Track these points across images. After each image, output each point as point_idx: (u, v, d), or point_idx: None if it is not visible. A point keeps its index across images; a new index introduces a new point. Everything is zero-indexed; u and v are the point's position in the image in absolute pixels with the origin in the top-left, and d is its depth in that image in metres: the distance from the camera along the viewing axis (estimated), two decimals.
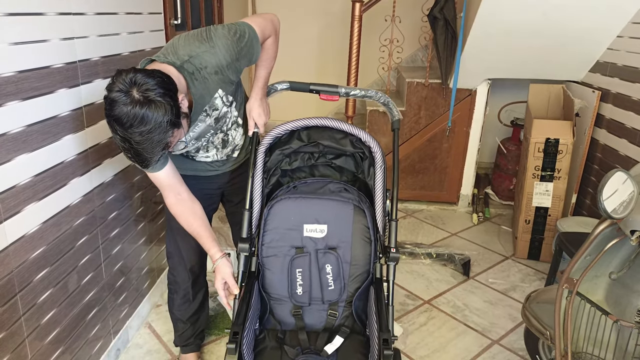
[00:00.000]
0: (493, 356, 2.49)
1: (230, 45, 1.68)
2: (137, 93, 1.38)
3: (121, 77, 1.39)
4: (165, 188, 1.77)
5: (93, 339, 2.16)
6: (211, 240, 1.83)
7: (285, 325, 1.95)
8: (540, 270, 3.29)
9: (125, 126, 1.38)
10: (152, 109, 1.39)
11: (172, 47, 1.65)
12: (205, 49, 1.65)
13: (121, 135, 1.41)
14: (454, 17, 3.55)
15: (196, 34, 1.68)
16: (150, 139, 1.41)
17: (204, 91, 1.71)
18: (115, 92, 1.38)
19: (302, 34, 4.86)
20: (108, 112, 1.40)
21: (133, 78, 1.39)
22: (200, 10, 3.48)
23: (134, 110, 1.37)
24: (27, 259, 1.68)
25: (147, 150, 1.44)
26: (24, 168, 1.63)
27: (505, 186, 4.30)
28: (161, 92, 1.41)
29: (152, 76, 1.42)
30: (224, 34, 1.68)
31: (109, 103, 1.39)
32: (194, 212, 1.82)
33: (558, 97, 3.55)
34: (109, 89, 1.40)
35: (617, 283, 1.74)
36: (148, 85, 1.39)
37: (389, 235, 1.83)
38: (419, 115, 4.00)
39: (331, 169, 2.03)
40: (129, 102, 1.37)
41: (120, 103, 1.37)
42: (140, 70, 1.43)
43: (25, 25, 1.58)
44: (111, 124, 1.41)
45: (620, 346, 1.72)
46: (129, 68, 1.43)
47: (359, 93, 2.00)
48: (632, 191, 1.49)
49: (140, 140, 1.41)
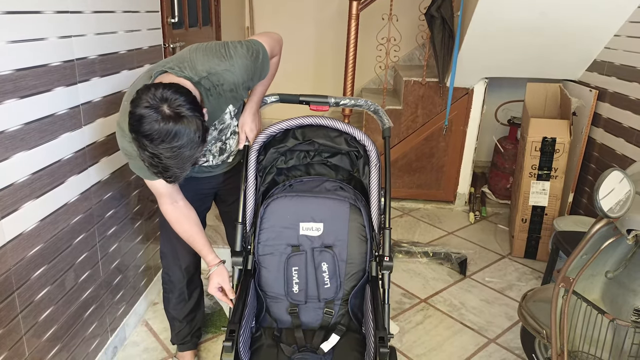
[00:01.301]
0: (489, 355, 2.50)
1: (247, 65, 1.70)
2: (168, 109, 1.37)
3: (150, 93, 1.38)
4: (163, 195, 1.77)
5: (90, 336, 2.16)
6: (208, 247, 1.85)
7: (282, 324, 1.96)
8: (537, 269, 3.30)
9: (156, 142, 1.37)
10: (184, 124, 1.38)
11: (190, 62, 1.63)
12: (225, 67, 1.65)
13: (150, 152, 1.40)
14: (451, 16, 3.56)
15: (214, 49, 1.67)
16: (181, 155, 1.41)
17: (216, 107, 1.72)
18: (144, 108, 1.36)
19: (299, 32, 4.86)
20: (136, 128, 1.38)
21: (163, 94, 1.38)
22: (197, 9, 3.48)
23: (166, 127, 1.36)
24: (25, 257, 1.67)
25: (178, 165, 1.43)
26: (22, 166, 1.63)
27: (502, 185, 4.31)
28: (192, 107, 1.41)
29: (181, 92, 1.41)
30: (243, 53, 1.69)
31: (137, 119, 1.37)
32: (190, 218, 1.83)
33: (555, 96, 3.55)
34: (136, 104, 1.38)
35: (614, 282, 1.75)
36: (179, 102, 1.39)
37: (382, 244, 1.84)
38: (416, 113, 4.00)
39: (327, 168, 2.04)
40: (161, 119, 1.36)
41: (150, 119, 1.36)
42: (168, 85, 1.42)
43: (22, 24, 1.57)
44: (139, 140, 1.39)
45: (617, 345, 1.73)
46: (155, 83, 1.43)
47: (349, 102, 2.01)
48: (629, 190, 1.50)
49: (171, 156, 1.40)
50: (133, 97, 1.41)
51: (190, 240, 1.85)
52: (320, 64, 4.96)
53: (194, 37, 3.35)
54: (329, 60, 4.90)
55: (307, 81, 4.98)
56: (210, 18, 3.82)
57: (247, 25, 4.90)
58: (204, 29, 3.64)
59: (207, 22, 3.73)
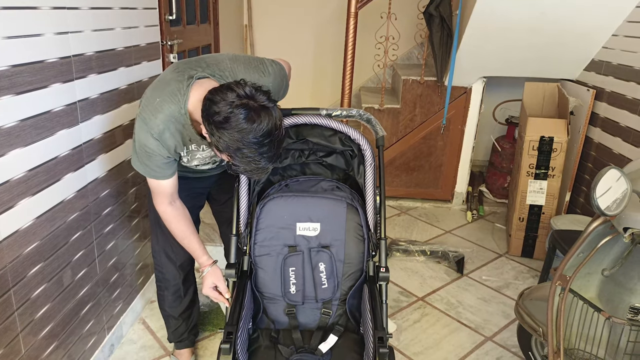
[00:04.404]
0: (486, 353, 2.50)
1: (279, 84, 1.78)
2: (255, 103, 1.42)
3: (236, 90, 1.42)
4: (163, 194, 1.77)
5: (87, 334, 2.16)
6: (202, 249, 1.87)
7: (279, 325, 1.95)
8: (534, 268, 3.30)
9: (250, 136, 1.40)
10: (271, 114, 1.43)
11: (231, 71, 1.68)
12: (263, 83, 1.67)
13: (246, 143, 1.42)
14: (449, 15, 3.55)
15: (253, 63, 1.73)
16: (274, 143, 1.46)
17: None
18: (233, 107, 1.40)
19: (297, 30, 4.86)
20: (226, 126, 1.41)
21: (249, 91, 1.43)
22: (195, 6, 3.47)
23: (258, 119, 1.40)
24: (21, 254, 1.67)
25: (272, 154, 1.47)
26: (18, 163, 1.62)
27: (499, 184, 4.31)
28: (270, 98, 1.47)
29: (256, 88, 1.46)
30: (277, 72, 1.77)
31: (226, 117, 1.40)
32: (186, 218, 1.84)
33: (553, 95, 3.56)
34: (220, 102, 1.41)
35: (610, 280, 1.75)
36: (260, 96, 1.44)
37: (379, 254, 1.84)
38: (414, 112, 4.00)
39: (322, 167, 2.03)
40: (254, 113, 1.40)
41: (242, 116, 1.39)
42: (251, 84, 1.47)
43: (19, 19, 1.57)
44: (232, 135, 1.41)
45: (613, 343, 1.73)
46: (236, 82, 1.47)
47: (342, 113, 2.00)
48: (626, 189, 1.50)
49: (266, 143, 1.44)
50: (209, 98, 1.44)
51: (185, 240, 1.86)
52: (319, 63, 4.96)
53: (191, 35, 3.35)
54: (328, 58, 4.90)
55: (306, 79, 4.97)
56: (208, 15, 3.82)
57: (245, 23, 4.90)
58: (202, 26, 3.63)
59: (205, 20, 3.72)
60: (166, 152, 1.66)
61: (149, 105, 1.63)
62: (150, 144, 1.64)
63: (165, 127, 1.62)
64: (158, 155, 1.65)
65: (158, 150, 1.64)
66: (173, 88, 1.61)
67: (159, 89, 1.64)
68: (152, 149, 1.64)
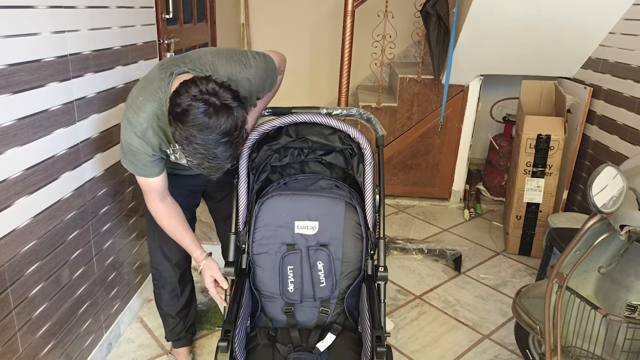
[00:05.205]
0: (484, 351, 2.51)
1: (263, 77, 1.75)
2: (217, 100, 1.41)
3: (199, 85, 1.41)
4: (154, 192, 1.78)
5: (84, 333, 2.15)
6: (195, 243, 1.86)
7: (277, 323, 1.95)
8: (531, 266, 3.31)
9: (205, 133, 1.40)
10: (232, 115, 1.42)
11: (212, 65, 1.66)
12: (245, 75, 1.68)
13: (199, 143, 1.42)
14: (446, 13, 3.55)
15: (235, 56, 1.70)
16: (230, 144, 1.45)
17: None
18: (194, 100, 1.40)
19: (294, 29, 4.85)
20: (184, 120, 1.40)
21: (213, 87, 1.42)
22: (192, 5, 3.47)
23: (216, 116, 1.39)
24: (18, 253, 1.67)
25: (225, 155, 1.46)
26: (15, 161, 1.62)
27: (496, 182, 4.32)
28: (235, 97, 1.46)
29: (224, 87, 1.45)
30: (260, 64, 1.74)
31: (185, 110, 1.40)
32: (177, 214, 1.84)
33: (550, 93, 3.56)
34: (181, 96, 1.41)
35: (607, 278, 1.75)
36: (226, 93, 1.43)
37: (377, 254, 1.84)
38: (411, 111, 4.00)
39: (321, 166, 2.03)
40: (212, 110, 1.39)
41: (199, 110, 1.39)
42: (213, 80, 1.46)
43: (15, 18, 1.56)
44: (187, 130, 1.41)
45: (610, 340, 1.74)
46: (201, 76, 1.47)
47: (342, 112, 2.01)
48: (622, 186, 1.50)
49: (221, 143, 1.43)
50: (176, 90, 1.43)
51: (178, 236, 1.86)
52: (316, 61, 4.95)
53: (188, 34, 3.34)
54: (325, 57, 4.89)
55: (303, 78, 4.97)
56: (205, 14, 3.81)
57: (243, 21, 4.89)
58: (198, 25, 3.63)
59: (202, 19, 3.72)
60: (151, 150, 1.66)
61: (133, 104, 1.63)
62: (134, 143, 1.64)
63: (148, 125, 1.62)
64: (143, 153, 1.65)
65: (143, 148, 1.64)
66: (155, 86, 1.61)
67: (143, 88, 1.65)
68: (137, 148, 1.64)
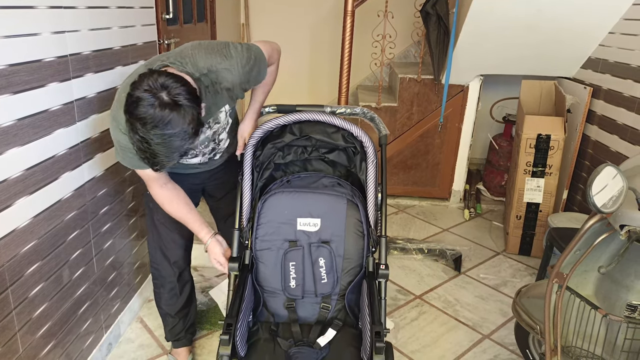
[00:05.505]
0: (484, 351, 2.51)
1: (245, 66, 1.71)
2: (166, 96, 1.38)
3: (152, 78, 1.39)
4: (152, 179, 1.80)
5: (84, 333, 2.16)
6: (199, 223, 1.87)
7: (279, 318, 1.97)
8: (531, 266, 3.31)
9: (148, 127, 1.38)
10: (180, 113, 1.39)
11: (191, 58, 1.64)
12: (225, 66, 1.66)
13: (141, 135, 1.40)
14: (446, 13, 3.55)
15: (216, 48, 1.68)
16: (171, 143, 1.41)
17: (213, 105, 1.73)
18: (143, 92, 1.37)
19: (294, 29, 4.85)
20: (131, 110, 1.39)
21: (164, 82, 1.39)
22: (192, 5, 3.47)
23: (161, 113, 1.37)
24: (18, 253, 1.67)
25: (166, 153, 1.44)
26: (15, 162, 1.62)
27: (496, 182, 4.32)
28: (190, 98, 1.42)
29: (182, 82, 1.42)
30: (243, 54, 1.71)
31: (133, 101, 1.38)
32: (179, 197, 1.86)
33: (550, 93, 3.56)
34: (135, 87, 1.39)
35: (607, 277, 1.76)
36: (179, 90, 1.40)
37: (379, 251, 1.86)
38: (411, 111, 4.00)
39: (324, 164, 2.05)
40: (158, 105, 1.37)
41: (146, 103, 1.37)
42: (171, 74, 1.43)
43: (15, 19, 1.56)
44: (132, 123, 1.40)
45: (610, 340, 1.74)
46: (158, 70, 1.43)
47: (346, 111, 2.02)
48: (622, 186, 1.50)
49: (161, 143, 1.40)
50: (134, 80, 1.42)
51: (183, 218, 1.87)
52: (316, 61, 4.95)
53: (188, 34, 3.34)
54: (325, 57, 4.89)
55: (303, 78, 4.97)
56: (205, 14, 3.81)
57: (243, 22, 4.89)
58: (198, 25, 3.63)
59: (202, 19, 3.72)
60: None
61: (117, 101, 1.64)
62: (121, 139, 1.65)
63: None
64: (131, 148, 1.65)
65: (128, 144, 1.63)
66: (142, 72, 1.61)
67: (127, 84, 1.63)
68: (124, 144, 1.64)
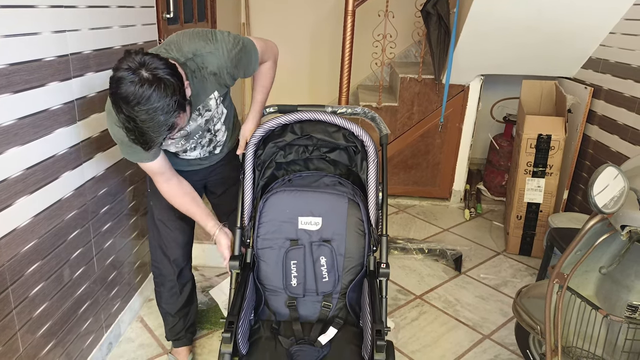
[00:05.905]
0: (484, 351, 2.51)
1: (232, 51, 1.72)
2: (145, 72, 1.39)
3: (130, 57, 1.40)
4: (156, 174, 1.81)
5: (85, 332, 2.15)
6: (205, 216, 1.90)
7: (280, 316, 1.98)
8: (532, 266, 3.31)
9: (132, 104, 1.38)
10: (160, 87, 1.39)
11: (176, 44, 1.65)
12: (209, 50, 1.67)
13: (126, 114, 1.41)
14: (447, 13, 3.55)
15: (201, 33, 1.69)
16: (156, 118, 1.41)
17: (200, 90, 1.73)
18: (123, 71, 1.38)
19: (295, 29, 4.85)
20: (114, 90, 1.40)
21: (142, 59, 1.40)
22: (192, 4, 3.47)
23: (141, 89, 1.37)
24: (19, 252, 1.67)
25: (153, 129, 1.43)
26: (16, 161, 1.62)
27: (497, 182, 4.32)
28: (169, 72, 1.43)
29: (160, 59, 1.44)
30: (228, 40, 1.71)
31: (115, 81, 1.39)
32: (184, 192, 1.87)
33: (550, 93, 3.56)
34: (116, 67, 1.40)
35: (607, 278, 1.75)
36: (156, 65, 1.41)
37: (380, 250, 1.87)
38: (411, 111, 4.00)
39: (325, 163, 2.05)
40: (137, 81, 1.38)
41: (127, 81, 1.38)
42: (148, 52, 1.45)
43: (16, 18, 1.56)
44: (117, 102, 1.41)
45: (610, 340, 1.73)
46: (136, 50, 1.44)
47: (347, 111, 2.02)
48: (623, 186, 1.50)
49: (146, 119, 1.40)
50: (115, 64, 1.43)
51: (190, 211, 1.89)
52: (316, 61, 4.95)
53: None
54: (325, 57, 4.89)
55: (303, 77, 4.97)
56: (206, 14, 3.81)
57: (243, 21, 4.89)
58: (199, 24, 3.63)
59: (202, 18, 3.72)
60: None
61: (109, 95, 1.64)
62: (117, 133, 1.66)
63: None
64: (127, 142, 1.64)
65: (124, 137, 1.62)
66: None
67: None
68: (120, 137, 1.65)
